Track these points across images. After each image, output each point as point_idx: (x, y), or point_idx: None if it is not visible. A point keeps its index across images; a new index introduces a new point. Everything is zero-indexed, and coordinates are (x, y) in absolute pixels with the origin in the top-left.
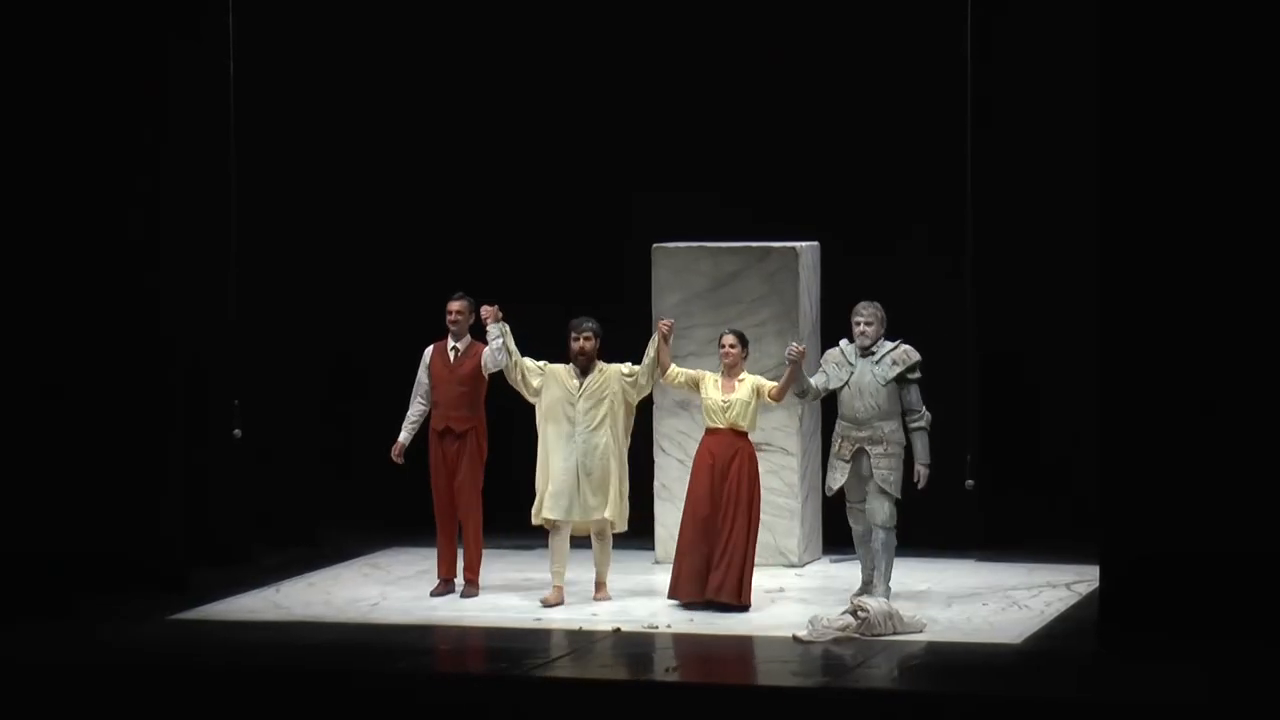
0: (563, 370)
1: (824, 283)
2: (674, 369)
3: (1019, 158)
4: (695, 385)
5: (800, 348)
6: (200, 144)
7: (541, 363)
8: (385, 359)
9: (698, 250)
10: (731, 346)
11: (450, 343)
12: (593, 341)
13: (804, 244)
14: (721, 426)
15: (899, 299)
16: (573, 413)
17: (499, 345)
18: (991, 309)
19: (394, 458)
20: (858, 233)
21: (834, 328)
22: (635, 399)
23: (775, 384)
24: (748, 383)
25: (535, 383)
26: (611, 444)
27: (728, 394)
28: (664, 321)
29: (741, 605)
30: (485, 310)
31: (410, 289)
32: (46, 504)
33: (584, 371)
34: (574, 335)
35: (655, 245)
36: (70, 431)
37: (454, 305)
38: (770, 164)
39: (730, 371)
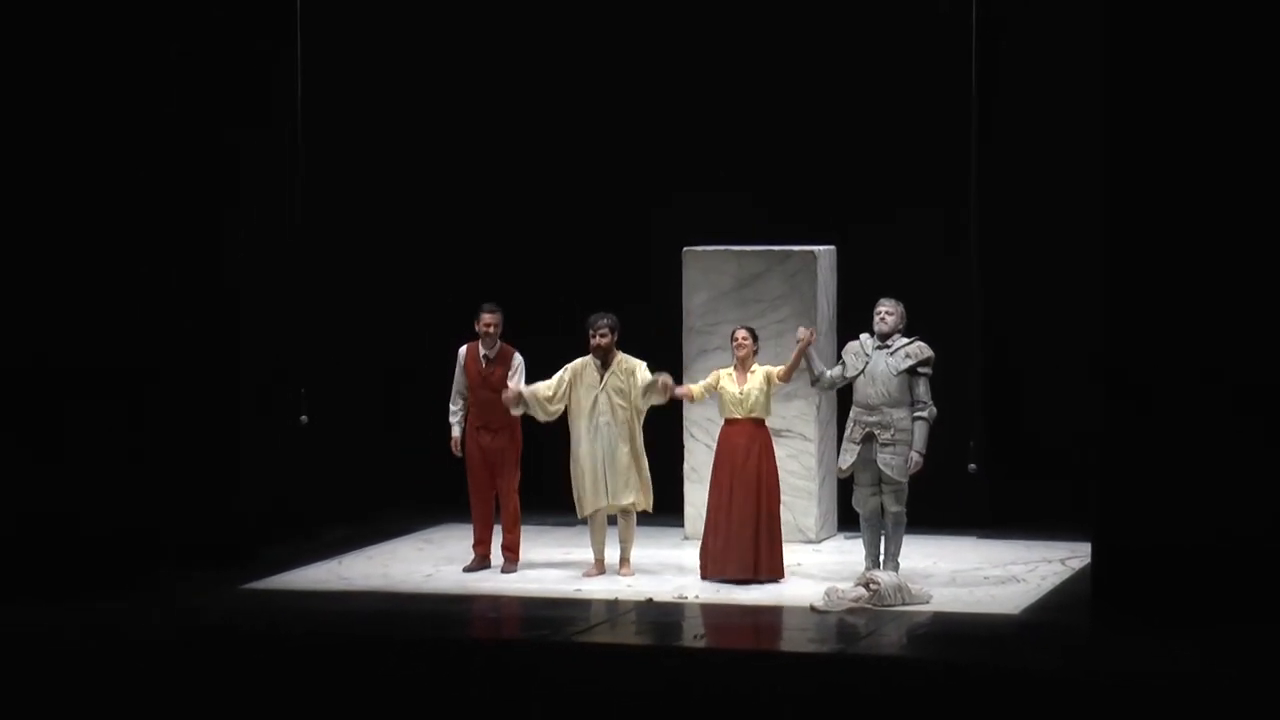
0: (587, 365)
1: (840, 284)
2: (697, 389)
3: (1026, 156)
4: (714, 386)
5: (809, 331)
6: (272, 148)
7: (564, 370)
8: (434, 349)
9: (724, 253)
10: (745, 339)
11: (480, 350)
12: (609, 337)
13: (822, 248)
14: (740, 417)
15: (905, 289)
16: (596, 405)
17: (520, 413)
18: (997, 298)
19: (455, 452)
20: (865, 230)
21: (848, 326)
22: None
23: (783, 366)
24: (759, 373)
25: (554, 407)
26: (637, 431)
27: (743, 385)
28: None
29: (777, 579)
30: (505, 397)
31: (452, 287)
32: (131, 485)
33: (605, 365)
34: (591, 332)
35: (685, 249)
36: (154, 418)
37: (489, 318)
38: (782, 169)
39: (743, 364)
